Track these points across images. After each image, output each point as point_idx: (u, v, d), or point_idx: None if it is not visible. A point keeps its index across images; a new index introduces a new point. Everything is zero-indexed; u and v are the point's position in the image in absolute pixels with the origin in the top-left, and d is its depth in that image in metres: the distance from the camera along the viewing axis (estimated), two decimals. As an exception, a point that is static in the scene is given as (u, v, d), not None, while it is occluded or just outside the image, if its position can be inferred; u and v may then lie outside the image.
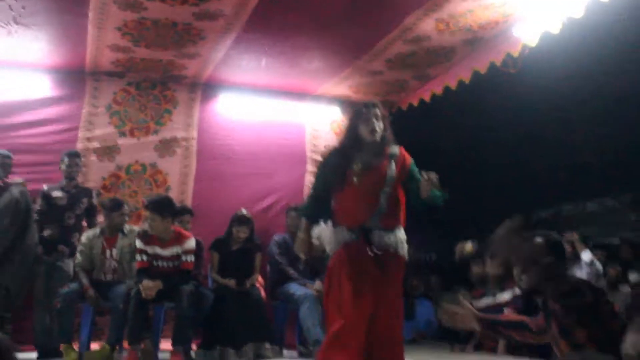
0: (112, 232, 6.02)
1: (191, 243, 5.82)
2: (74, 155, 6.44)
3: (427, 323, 8.04)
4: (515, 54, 5.65)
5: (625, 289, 7.06)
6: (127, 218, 6.18)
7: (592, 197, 9.42)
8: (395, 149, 4.03)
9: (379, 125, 3.93)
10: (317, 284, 6.10)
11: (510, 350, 6.10)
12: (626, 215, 9.44)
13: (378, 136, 3.92)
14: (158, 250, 5.76)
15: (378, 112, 3.97)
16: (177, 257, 5.77)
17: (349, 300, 3.65)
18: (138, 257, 5.75)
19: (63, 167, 6.33)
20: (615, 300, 5.76)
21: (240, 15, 5.56)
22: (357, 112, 4.03)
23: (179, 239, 5.81)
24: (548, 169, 8.12)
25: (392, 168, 3.91)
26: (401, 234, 3.92)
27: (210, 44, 6.24)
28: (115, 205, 6.07)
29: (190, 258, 5.80)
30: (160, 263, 5.76)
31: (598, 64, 6.23)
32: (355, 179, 3.84)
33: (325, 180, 4.02)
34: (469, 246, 6.96)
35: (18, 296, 5.76)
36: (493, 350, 6.34)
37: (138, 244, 5.77)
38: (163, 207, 5.78)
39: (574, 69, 6.38)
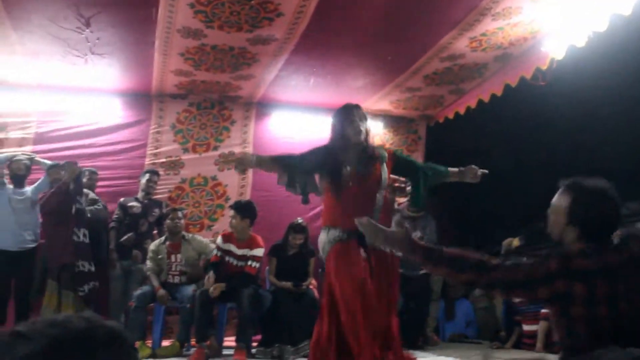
0: (174, 238, 6.17)
1: (259, 251, 5.92)
2: (154, 173, 6.67)
3: (467, 324, 7.91)
4: (544, 67, 5.64)
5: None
6: (179, 223, 6.22)
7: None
8: (383, 152, 3.96)
9: (363, 126, 3.84)
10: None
11: (549, 347, 5.99)
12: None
13: (363, 137, 3.84)
14: (232, 247, 5.94)
15: (361, 113, 3.89)
16: (245, 258, 5.90)
17: (351, 296, 3.56)
18: (215, 252, 5.99)
19: (143, 181, 6.55)
20: None
21: (290, 40, 5.66)
22: (341, 113, 3.92)
23: (251, 243, 5.95)
24: (578, 174, 8.01)
25: (385, 170, 3.84)
26: None
27: (263, 66, 6.36)
28: (169, 211, 6.29)
29: (255, 264, 5.88)
30: (230, 259, 5.92)
31: (623, 74, 6.16)
32: (350, 182, 3.74)
33: (314, 169, 3.87)
34: (515, 241, 6.82)
35: None
36: (531, 347, 6.25)
37: (218, 240, 6.05)
38: (243, 208, 6.02)
39: (601, 79, 6.32)
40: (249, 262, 5.87)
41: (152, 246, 6.18)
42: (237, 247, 5.94)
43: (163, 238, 6.22)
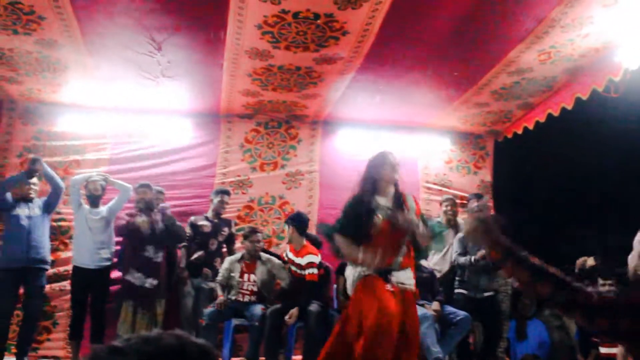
0: (251, 258, 6.23)
1: (309, 258, 6.04)
2: (226, 193, 6.78)
3: (539, 344, 7.67)
4: (617, 78, 5.47)
5: None
6: (260, 245, 6.32)
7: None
8: (412, 200, 4.32)
9: (397, 168, 4.26)
10: (435, 305, 6.03)
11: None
12: None
13: (397, 176, 4.25)
14: (292, 256, 6.17)
15: (395, 158, 4.31)
16: (300, 266, 6.03)
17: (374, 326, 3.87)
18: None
19: (216, 201, 6.64)
20: None
21: (356, 58, 5.67)
22: (377, 157, 4.32)
23: (302, 251, 6.09)
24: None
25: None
26: (410, 272, 4.19)
27: (329, 85, 6.40)
28: (249, 233, 6.31)
29: (312, 271, 5.98)
30: (293, 267, 6.12)
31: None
32: (380, 230, 4.06)
33: (354, 224, 4.14)
34: (590, 260, 6.60)
35: None
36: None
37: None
38: (290, 218, 6.35)
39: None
40: (307, 271, 5.96)
41: (227, 262, 6.25)
42: (295, 255, 6.13)
43: (239, 255, 6.29)
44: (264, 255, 6.31)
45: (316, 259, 6.06)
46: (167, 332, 0.97)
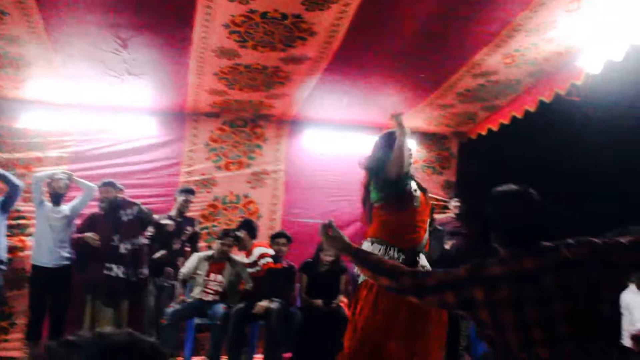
0: (220, 259, 6.22)
1: (259, 250, 6.34)
2: (190, 193, 6.76)
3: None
4: (579, 82, 5.58)
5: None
6: (229, 250, 6.31)
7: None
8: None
9: (411, 154, 4.10)
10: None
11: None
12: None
13: (412, 161, 4.08)
14: (245, 259, 6.34)
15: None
16: (253, 264, 6.24)
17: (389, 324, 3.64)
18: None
19: (180, 200, 6.63)
20: None
21: (323, 59, 5.69)
22: (389, 139, 4.03)
23: (251, 249, 6.32)
24: (616, 191, 7.89)
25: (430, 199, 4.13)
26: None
27: (296, 85, 6.41)
28: (222, 235, 6.33)
29: (265, 261, 6.22)
30: (248, 269, 6.26)
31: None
32: (415, 203, 3.84)
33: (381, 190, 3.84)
34: None
35: None
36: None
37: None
38: (241, 224, 6.52)
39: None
40: (261, 262, 6.19)
41: (195, 258, 6.26)
42: (247, 257, 6.31)
43: (209, 254, 6.29)
44: (233, 257, 6.33)
45: (268, 250, 6.24)
46: (120, 330, 0.99)
